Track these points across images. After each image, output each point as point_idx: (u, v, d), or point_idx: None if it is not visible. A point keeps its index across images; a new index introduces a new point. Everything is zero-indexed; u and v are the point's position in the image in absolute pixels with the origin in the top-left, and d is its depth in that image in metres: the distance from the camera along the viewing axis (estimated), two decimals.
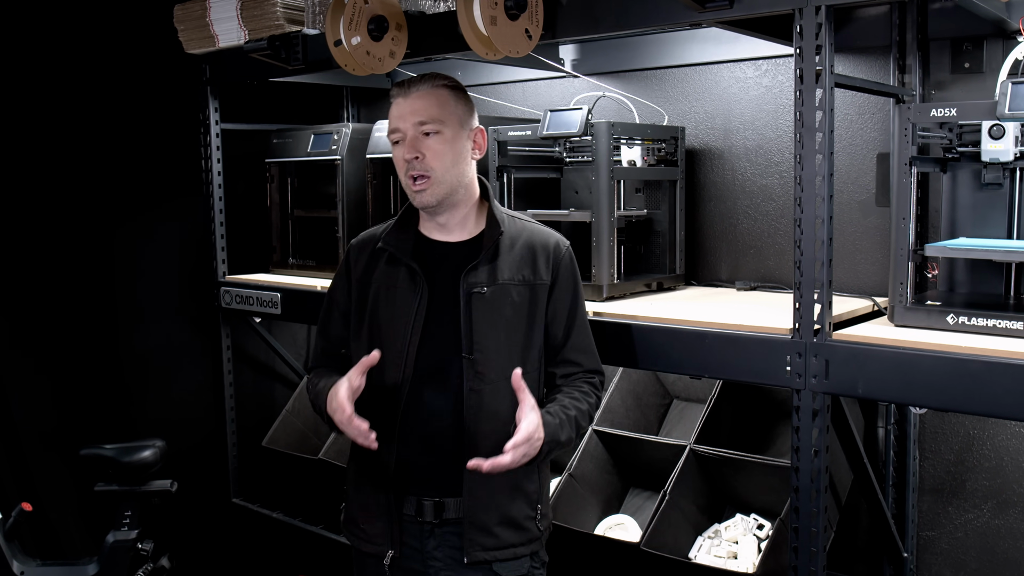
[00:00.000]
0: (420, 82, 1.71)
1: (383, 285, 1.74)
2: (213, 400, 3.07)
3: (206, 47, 2.62)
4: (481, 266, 1.70)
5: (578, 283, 1.79)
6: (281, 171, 3.03)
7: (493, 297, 1.68)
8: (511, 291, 1.70)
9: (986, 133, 1.83)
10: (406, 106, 1.70)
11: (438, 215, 1.74)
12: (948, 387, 1.60)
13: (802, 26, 1.67)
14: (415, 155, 1.68)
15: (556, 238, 1.78)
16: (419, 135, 1.68)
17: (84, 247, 2.92)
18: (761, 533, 2.33)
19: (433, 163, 1.68)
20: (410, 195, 1.72)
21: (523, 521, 1.72)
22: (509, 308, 1.69)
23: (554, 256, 1.75)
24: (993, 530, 2.23)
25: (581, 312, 1.78)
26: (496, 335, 1.67)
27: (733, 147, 2.57)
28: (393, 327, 1.70)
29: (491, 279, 1.69)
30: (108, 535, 2.31)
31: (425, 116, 1.68)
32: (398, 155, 1.71)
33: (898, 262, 1.84)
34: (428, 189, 1.68)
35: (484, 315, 1.67)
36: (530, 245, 1.74)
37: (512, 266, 1.71)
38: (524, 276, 1.71)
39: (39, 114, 2.80)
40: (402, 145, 1.70)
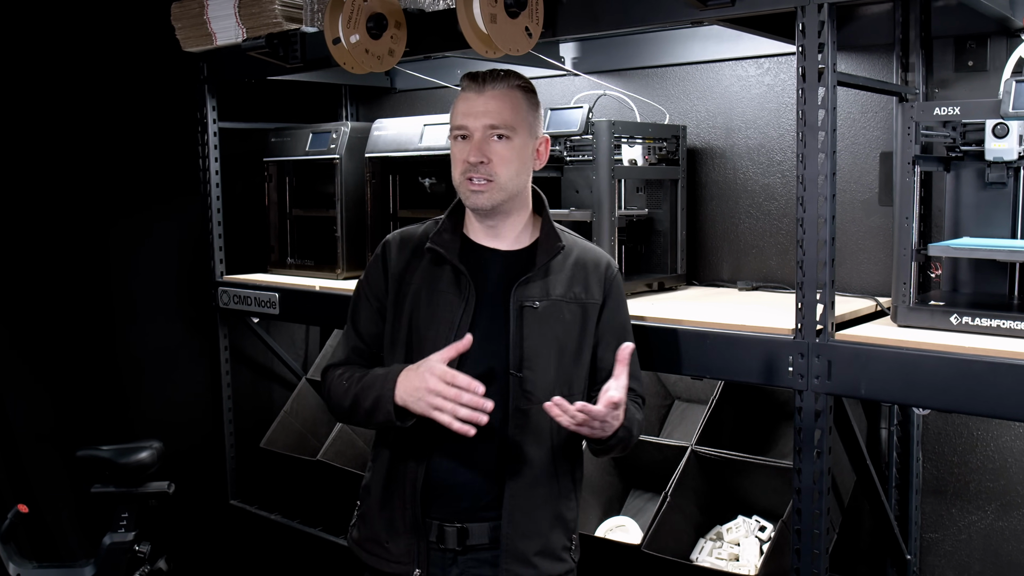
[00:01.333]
0: (496, 80, 1.62)
1: (424, 286, 1.65)
2: (211, 401, 3.06)
3: (204, 45, 2.61)
4: (535, 280, 1.62)
5: (626, 305, 1.74)
6: (279, 170, 3.02)
7: (545, 313, 1.61)
8: (563, 308, 1.63)
9: (990, 132, 1.82)
10: (479, 104, 1.61)
11: (488, 220, 1.66)
12: (951, 388, 1.59)
13: (804, 24, 1.66)
14: (481, 159, 1.59)
15: (607, 258, 1.74)
16: (487, 138, 1.60)
17: (80, 246, 2.91)
18: (763, 535, 2.33)
19: (498, 169, 1.60)
20: (463, 194, 1.63)
21: (560, 552, 1.65)
22: (560, 326, 1.62)
23: (606, 276, 1.70)
24: (997, 532, 2.22)
25: (630, 335, 1.72)
26: (547, 353, 1.60)
27: (735, 146, 2.56)
28: (433, 332, 1.61)
29: (544, 294, 1.62)
30: (105, 537, 2.30)
31: (498, 120, 1.60)
32: (459, 153, 1.62)
33: (901, 262, 1.83)
34: (486, 192, 1.60)
35: (535, 331, 1.60)
36: (581, 262, 1.68)
37: (564, 282, 1.64)
38: (576, 294, 1.65)
39: (34, 113, 2.79)
40: (466, 143, 1.61)
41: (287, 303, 2.74)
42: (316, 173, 2.93)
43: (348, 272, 2.83)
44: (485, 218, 1.66)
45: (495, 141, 1.60)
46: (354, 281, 2.72)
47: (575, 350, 1.64)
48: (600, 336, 1.68)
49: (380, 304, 1.71)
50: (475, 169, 1.60)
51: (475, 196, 1.61)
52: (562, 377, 1.62)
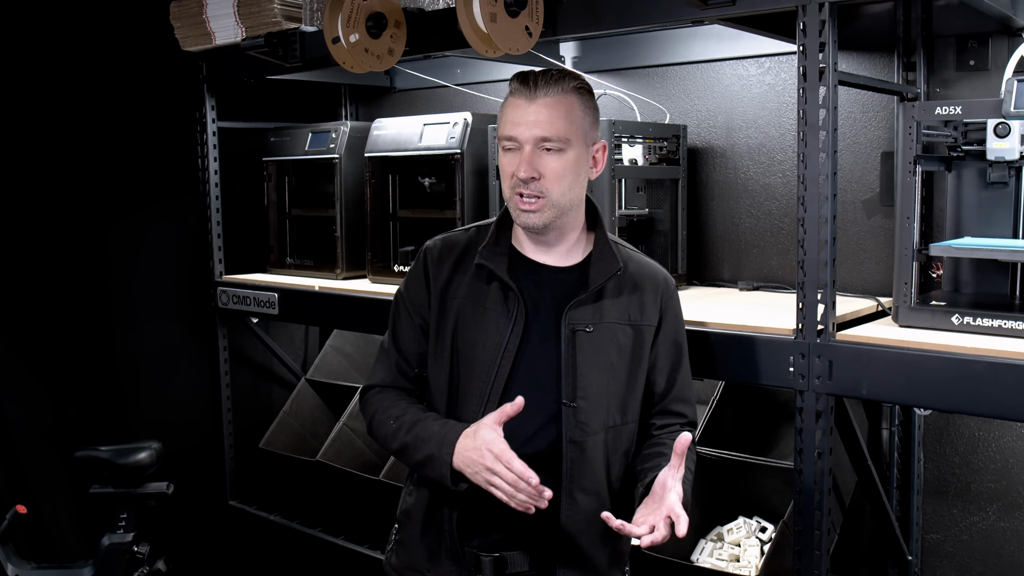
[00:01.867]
0: (549, 83, 1.48)
1: (469, 302, 1.53)
2: (210, 401, 3.06)
3: (203, 44, 2.61)
4: (587, 301, 1.51)
5: (683, 324, 1.62)
6: (278, 170, 3.01)
7: (599, 337, 1.50)
8: (617, 332, 1.51)
9: (991, 131, 1.81)
10: (530, 113, 1.47)
11: (541, 235, 1.53)
12: (953, 388, 1.58)
13: (805, 23, 1.66)
14: (532, 175, 1.46)
15: (664, 274, 1.61)
16: (538, 150, 1.47)
17: (79, 246, 2.90)
18: (764, 536, 2.32)
19: (550, 185, 1.47)
20: (513, 211, 1.51)
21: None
22: (614, 350, 1.51)
23: (662, 295, 1.57)
24: (999, 533, 2.22)
25: (686, 358, 1.61)
26: (600, 380, 1.50)
27: (736, 145, 2.56)
28: (479, 353, 1.50)
29: (597, 317, 1.50)
30: (103, 538, 2.30)
31: (551, 131, 1.46)
32: (509, 166, 1.49)
33: (902, 262, 1.83)
34: (538, 212, 1.48)
35: (588, 357, 1.49)
36: (638, 280, 1.56)
37: (619, 303, 1.53)
38: (631, 316, 1.53)
39: (32, 112, 2.78)
40: (515, 155, 1.48)
41: (286, 303, 2.73)
42: (315, 173, 2.92)
43: (347, 272, 2.82)
44: (539, 234, 1.54)
45: (547, 154, 1.48)
46: (353, 281, 2.77)
47: (629, 376, 1.53)
48: (655, 358, 1.57)
49: (422, 320, 1.59)
50: (525, 185, 1.47)
51: (525, 216, 1.49)
52: (615, 404, 1.52)
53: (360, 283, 2.72)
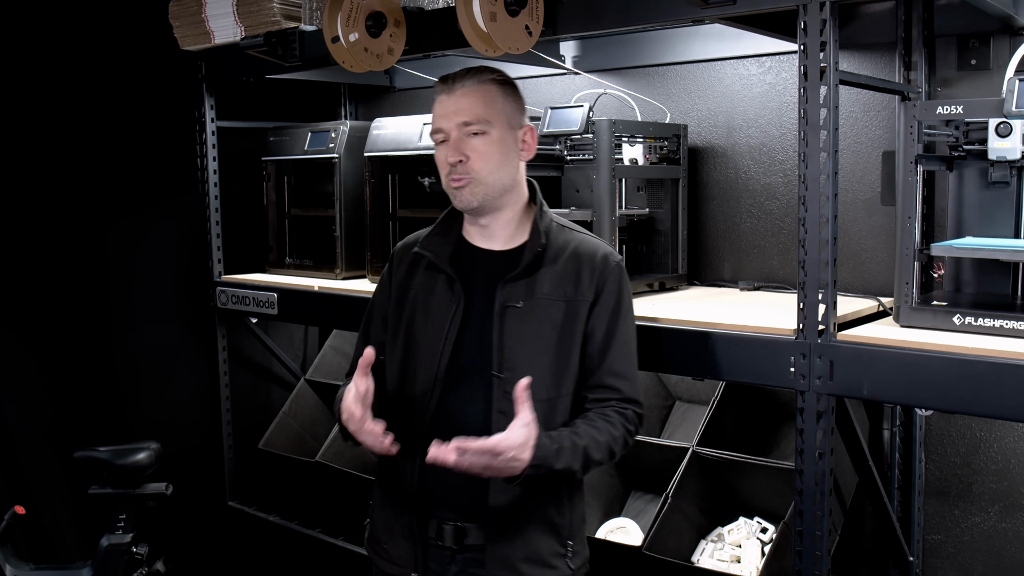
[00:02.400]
0: (466, 77, 1.61)
1: (421, 292, 1.65)
2: (209, 402, 3.05)
3: (202, 44, 2.60)
4: (520, 278, 1.59)
5: (624, 301, 1.64)
6: (278, 169, 3.01)
7: (529, 313, 1.57)
8: (549, 307, 1.58)
9: (993, 131, 1.80)
10: (450, 104, 1.60)
11: (480, 217, 1.64)
12: (954, 388, 1.58)
13: (806, 22, 1.65)
14: (459, 158, 1.58)
15: (605, 250, 1.65)
16: (463, 136, 1.59)
17: (77, 246, 2.89)
18: (765, 537, 2.32)
19: (477, 165, 1.58)
20: (451, 195, 1.62)
21: (551, 558, 1.59)
22: (546, 326, 1.58)
23: (600, 270, 1.62)
24: (1000, 534, 2.21)
25: (624, 333, 1.63)
26: (528, 354, 1.56)
27: (736, 145, 2.55)
28: (427, 336, 1.61)
29: (529, 293, 1.58)
30: (102, 539, 2.29)
31: (470, 116, 1.58)
32: (440, 156, 1.62)
33: (903, 262, 1.82)
34: (468, 187, 1.59)
35: (517, 331, 1.57)
36: (576, 257, 1.62)
37: (553, 280, 1.60)
38: (565, 292, 1.59)
39: (30, 111, 2.77)
40: (445, 146, 1.61)
41: (286, 303, 2.73)
42: (315, 172, 2.91)
43: (347, 272, 2.81)
44: (476, 217, 1.64)
45: (472, 138, 1.59)
46: (353, 281, 2.77)
47: (559, 348, 1.59)
48: (589, 334, 1.60)
49: (385, 313, 1.72)
50: (455, 170, 1.59)
51: (459, 194, 1.60)
52: (547, 377, 1.57)
53: (360, 283, 2.72)
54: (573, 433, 1.54)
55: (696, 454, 2.31)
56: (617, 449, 1.59)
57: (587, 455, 1.54)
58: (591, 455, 1.54)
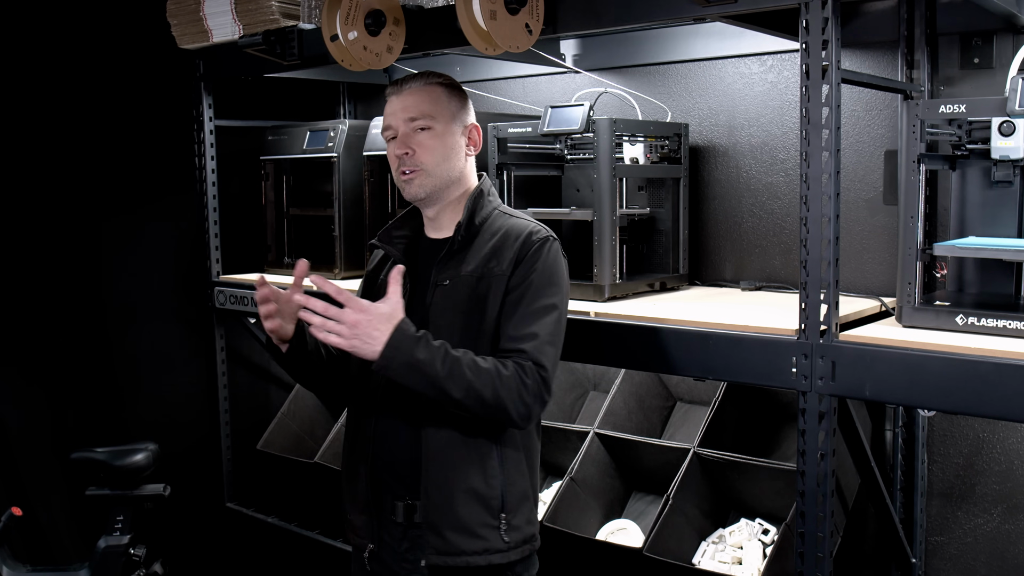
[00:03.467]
0: (413, 79, 1.74)
1: (383, 282, 1.75)
2: (207, 402, 3.04)
3: (200, 42, 2.59)
4: (451, 259, 1.70)
5: (542, 274, 1.64)
6: (276, 168, 3.00)
7: (452, 289, 1.67)
8: (470, 282, 1.66)
9: (996, 130, 1.79)
10: (398, 103, 1.72)
11: (429, 209, 1.75)
12: (957, 389, 1.57)
13: (808, 21, 1.65)
14: (405, 151, 1.69)
15: (530, 229, 1.68)
16: (410, 131, 1.70)
17: (74, 246, 2.89)
18: (766, 538, 2.31)
19: (423, 158, 1.69)
20: (401, 188, 1.74)
21: (478, 528, 1.61)
22: (466, 301, 1.66)
23: (521, 246, 1.65)
24: (1003, 535, 2.20)
25: (536, 304, 1.62)
26: (449, 326, 1.64)
27: (738, 144, 2.55)
28: None
29: (455, 272, 1.68)
30: (100, 540, 2.28)
31: (415, 112, 1.70)
32: (391, 151, 1.73)
33: (906, 261, 1.81)
34: (416, 180, 1.69)
35: (440, 306, 1.67)
36: (504, 237, 1.69)
37: (479, 259, 1.68)
38: (489, 268, 1.66)
39: (27, 110, 2.76)
40: (394, 142, 1.72)
41: None
42: (313, 171, 2.91)
43: (346, 272, 2.81)
44: (426, 208, 1.75)
45: (418, 133, 1.70)
46: (352, 281, 2.76)
47: (473, 319, 1.65)
48: (505, 304, 1.64)
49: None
50: (403, 162, 1.70)
51: (407, 186, 1.71)
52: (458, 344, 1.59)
53: (358, 283, 2.69)
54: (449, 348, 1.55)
55: (697, 455, 2.31)
56: (503, 391, 1.54)
57: (460, 369, 1.53)
58: (465, 373, 1.53)
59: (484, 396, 1.53)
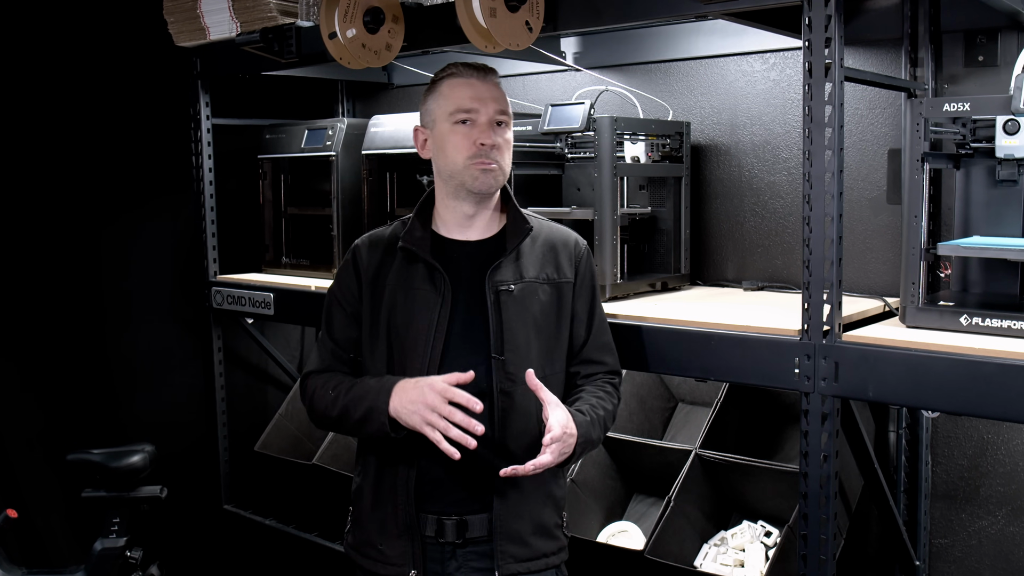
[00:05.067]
0: (491, 72, 1.71)
1: (400, 286, 1.67)
2: (204, 403, 3.03)
3: (197, 40, 2.58)
4: (507, 264, 1.67)
5: (596, 281, 1.79)
6: (274, 167, 2.99)
7: (522, 295, 1.65)
8: (538, 289, 1.67)
9: (1000, 128, 1.79)
10: (485, 90, 1.66)
11: (477, 207, 1.69)
12: (961, 390, 1.56)
13: (811, 18, 1.64)
14: (495, 142, 1.64)
15: (575, 236, 1.78)
16: (495, 123, 1.66)
17: (70, 245, 2.88)
18: (769, 540, 2.31)
19: (502, 155, 1.67)
20: (470, 177, 1.64)
21: (553, 529, 1.69)
22: (537, 306, 1.67)
23: (575, 254, 1.74)
24: (1008, 537, 2.20)
25: (601, 310, 1.78)
26: (526, 334, 1.64)
27: (740, 143, 2.54)
28: (413, 331, 1.64)
29: (518, 276, 1.66)
30: (96, 542, 2.27)
31: (504, 105, 1.68)
32: (466, 138, 1.64)
33: (910, 261, 1.81)
34: (493, 174, 1.65)
35: (514, 313, 1.64)
36: (550, 243, 1.72)
37: (536, 264, 1.69)
38: (548, 274, 1.70)
39: (22, 108, 2.75)
40: (472, 127, 1.65)
41: (282, 303, 2.71)
42: (312, 170, 2.90)
43: None
44: (476, 205, 1.69)
45: (498, 127, 1.67)
46: None
47: (553, 330, 1.68)
48: (575, 313, 1.72)
49: (354, 309, 1.72)
50: (486, 153, 1.63)
51: (487, 176, 1.64)
52: (542, 357, 1.66)
53: None
54: (592, 407, 1.65)
55: (699, 457, 2.30)
56: (610, 421, 1.71)
57: (604, 424, 1.67)
58: (607, 424, 1.68)
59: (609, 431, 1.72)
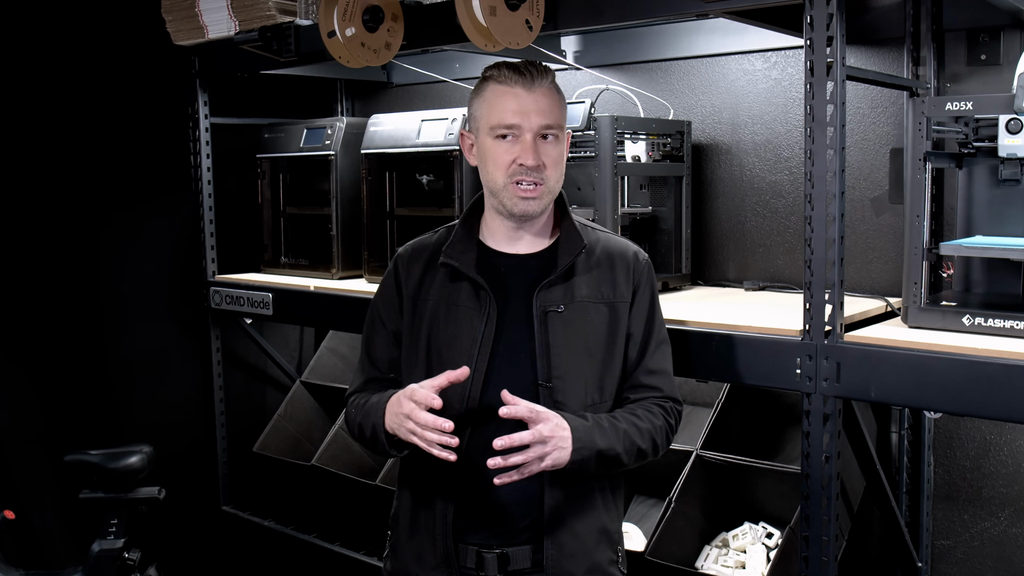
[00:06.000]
0: (543, 75, 1.53)
1: (442, 302, 1.56)
2: (202, 404, 3.02)
3: (195, 38, 2.57)
4: (557, 282, 1.53)
5: (657, 300, 1.63)
6: (273, 167, 2.98)
7: (571, 317, 1.52)
8: (590, 310, 1.54)
9: (1003, 127, 1.78)
10: (531, 102, 1.50)
11: (524, 224, 1.57)
12: (964, 391, 1.56)
13: (812, 16, 1.63)
14: (537, 163, 1.50)
15: (634, 249, 1.63)
16: (539, 138, 1.51)
17: (68, 245, 2.87)
18: (770, 542, 2.30)
19: (550, 173, 1.52)
20: (509, 199, 1.52)
21: (608, 566, 1.56)
22: (589, 329, 1.53)
23: (633, 270, 1.59)
24: (1010, 539, 2.19)
25: (659, 331, 1.61)
26: (576, 359, 1.51)
27: (741, 142, 2.53)
28: (454, 351, 1.52)
29: (568, 297, 1.53)
30: (93, 544, 2.25)
31: (552, 119, 1.52)
32: (506, 155, 1.51)
33: (912, 261, 1.81)
34: (538, 199, 1.52)
35: (562, 337, 1.51)
36: (608, 258, 1.58)
37: (590, 282, 1.55)
38: (603, 293, 1.56)
39: (19, 107, 2.74)
40: (513, 144, 1.51)
41: (281, 303, 2.70)
42: (311, 170, 2.89)
43: (343, 272, 2.79)
44: (521, 223, 1.56)
45: (545, 142, 1.53)
46: (349, 281, 2.73)
47: (605, 353, 1.54)
48: (630, 333, 1.57)
49: (395, 327, 1.63)
50: (528, 173, 1.51)
51: (526, 204, 1.52)
52: (593, 383, 1.54)
53: (356, 283, 2.70)
54: (610, 416, 1.51)
55: (700, 458, 2.30)
56: (660, 440, 1.55)
57: (629, 438, 1.50)
58: (633, 439, 1.51)
59: (647, 453, 1.53)
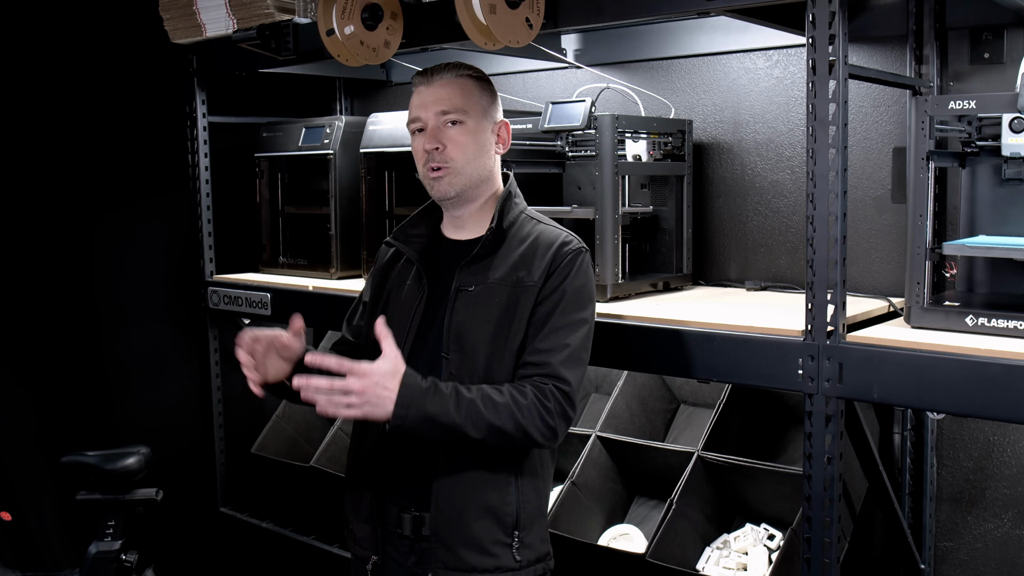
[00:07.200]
0: (444, 71, 1.68)
1: (395, 284, 1.73)
2: (200, 405, 3.02)
3: (193, 37, 2.56)
4: (475, 264, 1.64)
5: (571, 285, 1.62)
6: (271, 166, 2.97)
7: (478, 296, 1.61)
8: (496, 291, 1.61)
9: (1007, 126, 1.78)
10: (429, 95, 1.66)
11: (455, 209, 1.70)
12: (967, 391, 1.55)
13: (815, 15, 1.63)
14: (436, 146, 1.64)
15: (562, 239, 1.65)
16: (441, 125, 1.65)
17: (64, 245, 2.86)
18: (772, 543, 2.29)
19: (454, 154, 1.64)
20: (427, 186, 1.68)
21: (490, 546, 1.58)
22: (495, 309, 1.60)
23: (553, 256, 1.62)
24: (1014, 540, 2.18)
25: (564, 317, 1.60)
26: (474, 335, 1.60)
27: (743, 141, 2.52)
28: (395, 322, 1.64)
29: (482, 278, 1.63)
30: (91, 545, 2.26)
31: (448, 105, 1.65)
32: (418, 145, 1.68)
33: (915, 261, 1.80)
34: (446, 178, 1.64)
35: (464, 314, 1.61)
36: (534, 245, 1.65)
37: (507, 266, 1.63)
38: (518, 277, 1.61)
39: (15, 106, 2.73)
40: (423, 135, 1.67)
41: (279, 303, 2.70)
42: (309, 169, 2.88)
43: (342, 271, 2.78)
44: (452, 209, 1.70)
45: (449, 127, 1.65)
46: (348, 281, 2.74)
47: (503, 331, 1.59)
48: (534, 316, 1.60)
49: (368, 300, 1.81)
50: (432, 158, 1.64)
51: (437, 184, 1.65)
52: (489, 359, 1.59)
53: (355, 283, 2.69)
54: (462, 387, 1.53)
55: (701, 459, 2.29)
56: (525, 419, 1.52)
57: (475, 409, 1.50)
58: (482, 412, 1.50)
59: (505, 430, 1.52)
